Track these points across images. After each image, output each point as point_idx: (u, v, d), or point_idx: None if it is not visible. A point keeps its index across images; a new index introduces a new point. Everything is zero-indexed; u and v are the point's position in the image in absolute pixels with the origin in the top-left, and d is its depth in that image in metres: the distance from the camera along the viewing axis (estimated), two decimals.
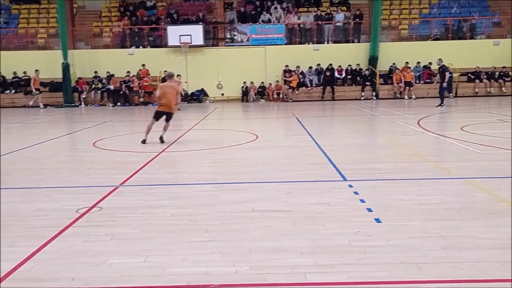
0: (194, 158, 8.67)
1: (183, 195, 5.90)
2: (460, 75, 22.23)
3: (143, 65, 22.52)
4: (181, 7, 26.12)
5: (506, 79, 22.13)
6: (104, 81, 22.63)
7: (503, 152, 8.10)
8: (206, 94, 23.26)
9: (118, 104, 22.12)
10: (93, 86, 22.63)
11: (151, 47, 23.79)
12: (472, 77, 22.30)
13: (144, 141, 10.03)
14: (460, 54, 22.35)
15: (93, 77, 22.74)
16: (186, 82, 22.94)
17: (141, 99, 22.12)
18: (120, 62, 22.76)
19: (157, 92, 10.31)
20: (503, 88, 21.99)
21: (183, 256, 3.91)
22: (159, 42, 23.83)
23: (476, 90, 22.09)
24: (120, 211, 5.21)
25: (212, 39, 23.80)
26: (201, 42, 22.55)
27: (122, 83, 22.17)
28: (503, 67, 22.27)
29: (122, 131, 12.57)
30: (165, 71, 15.48)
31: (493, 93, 21.95)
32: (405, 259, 3.70)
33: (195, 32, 22.41)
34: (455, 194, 5.60)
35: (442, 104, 17.25)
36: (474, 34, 23.72)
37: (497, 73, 22.22)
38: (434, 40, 23.49)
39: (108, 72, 22.61)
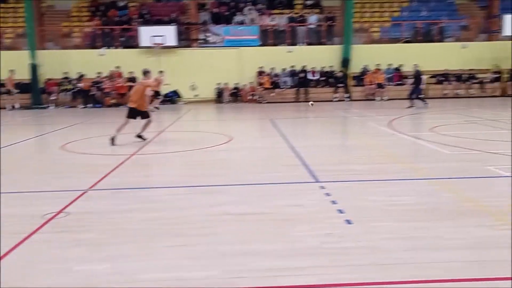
0: (166, 161, 8.57)
1: (154, 198, 5.82)
2: (429, 77, 22.70)
3: (118, 67, 22.20)
4: (153, 8, 25.85)
5: (474, 81, 22.73)
6: (74, 82, 22.17)
7: (471, 153, 8.31)
8: (179, 96, 23.07)
9: (89, 105, 21.71)
10: (63, 87, 22.15)
11: (123, 47, 23.45)
12: (441, 79, 22.82)
13: (112, 139, 9.96)
14: (430, 57, 22.84)
15: (63, 78, 22.25)
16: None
17: (113, 101, 21.76)
18: (91, 63, 22.35)
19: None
20: (471, 90, 22.57)
21: (153, 262, 3.85)
22: (131, 42, 23.49)
23: (445, 92, 22.61)
24: (88, 216, 5.10)
25: (185, 40, 23.62)
26: (174, 43, 22.36)
27: (93, 84, 21.77)
28: (471, 69, 22.87)
29: (93, 134, 12.33)
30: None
31: (461, 94, 22.52)
32: (375, 261, 3.74)
33: (168, 33, 22.20)
34: (424, 195, 5.71)
35: (413, 106, 17.57)
36: (443, 37, 24.28)
37: (464, 75, 22.79)
38: (404, 42, 23.94)
39: (79, 72, 22.16)
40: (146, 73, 10.81)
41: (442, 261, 3.72)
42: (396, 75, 23.02)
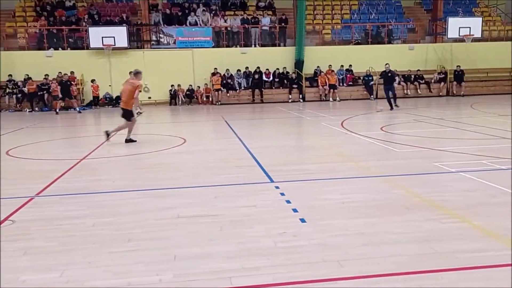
0: (118, 165, 8.35)
1: (105, 203, 5.65)
2: (379, 78, 23.35)
3: (72, 72, 21.52)
4: (103, 8, 25.20)
5: (421, 81, 23.62)
6: (20, 84, 21.23)
7: (418, 150, 8.61)
8: None
9: (36, 109, 20.86)
10: (8, 90, 21.15)
11: (71, 49, 22.71)
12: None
13: (128, 140, 10.42)
14: (379, 58, 23.48)
15: (7, 81, 21.25)
16: (110, 86, 22.17)
17: (62, 104, 21.00)
18: (38, 64, 21.48)
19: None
20: (418, 90, 23.45)
21: (104, 268, 3.73)
22: (80, 44, 22.81)
23: (395, 92, 23.31)
24: (35, 224, 4.88)
25: (137, 41, 23.18)
26: (125, 44, 21.88)
27: (39, 86, 20.93)
28: (418, 70, 23.76)
29: (40, 138, 11.84)
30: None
31: (410, 94, 23.34)
32: (328, 257, 3.79)
33: (119, 34, 21.69)
34: (375, 191, 5.85)
35: (396, 105, 17.40)
36: (391, 39, 25.10)
37: (412, 76, 23.65)
38: (355, 44, 24.55)
39: (27, 75, 21.22)
40: (137, 74, 10.74)
41: (393, 255, 3.82)
42: (348, 76, 23.56)
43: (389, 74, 17.37)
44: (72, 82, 20.98)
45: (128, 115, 10.47)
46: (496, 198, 5.39)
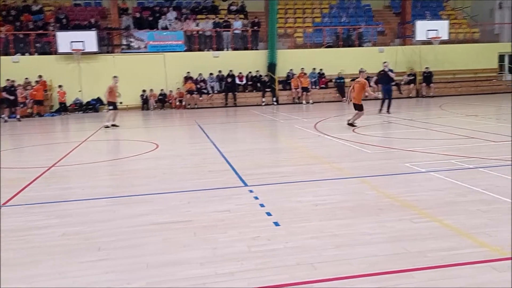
0: (88, 172, 8.16)
1: (74, 212, 5.50)
2: (351, 80, 23.66)
3: (40, 76, 20.99)
4: (71, 12, 24.72)
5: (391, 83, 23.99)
6: None
7: (390, 151, 8.74)
8: (102, 103, 22.20)
9: (3, 116, 20.24)
10: None
11: (39, 54, 22.16)
12: None
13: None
14: (350, 61, 23.84)
15: None
16: (80, 91, 21.77)
17: (29, 110, 20.48)
18: (4, 70, 20.86)
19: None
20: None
21: (73, 279, 3.62)
22: (48, 49, 22.30)
23: (366, 94, 23.62)
24: (2, 235, 4.70)
25: (107, 45, 22.82)
26: (95, 49, 21.50)
27: (4, 92, 20.30)
28: None
29: (6, 146, 11.49)
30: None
31: (381, 96, 23.65)
32: (302, 260, 3.78)
33: (88, 39, 21.31)
34: (348, 193, 5.89)
35: (388, 111, 16.65)
36: (361, 42, 25.47)
37: None
38: (327, 47, 24.81)
39: None
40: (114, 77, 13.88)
41: (367, 256, 3.84)
42: (320, 79, 23.78)
43: (388, 73, 16.81)
44: (17, 88, 20.19)
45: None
46: (465, 197, 5.50)
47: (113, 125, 15.09)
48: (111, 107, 15.36)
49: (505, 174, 6.45)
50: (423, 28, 23.73)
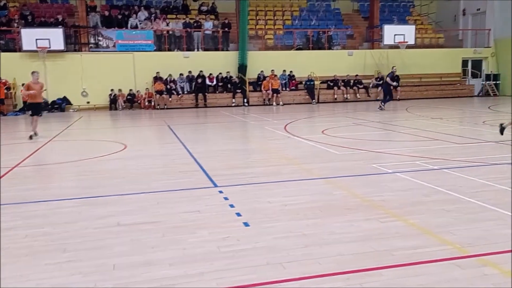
0: (54, 172, 7.96)
1: (39, 213, 5.35)
2: (320, 83, 23.98)
3: None
4: (36, 9, 24.06)
5: (359, 86, 24.47)
6: None
7: (358, 152, 8.88)
8: (69, 103, 21.72)
9: None
10: None
11: (2, 51, 21.44)
12: (331, 84, 24.23)
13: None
14: (320, 63, 24.16)
15: None
16: (45, 90, 21.13)
17: None
18: None
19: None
20: (357, 94, 24.27)
21: (37, 281, 3.52)
22: (12, 46, 21.63)
23: (335, 96, 24.04)
24: None
25: (74, 44, 22.32)
26: (61, 47, 20.99)
27: None
28: (356, 75, 24.60)
29: None
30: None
31: (349, 99, 24.10)
32: (271, 260, 3.80)
33: (54, 36, 20.78)
34: (316, 193, 5.95)
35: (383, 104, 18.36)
36: (331, 45, 25.82)
37: (351, 81, 24.45)
38: (297, 49, 25.02)
39: None
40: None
41: (335, 255, 3.89)
42: (291, 81, 23.95)
43: (388, 77, 18.24)
44: None
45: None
46: (429, 196, 5.65)
47: (34, 134, 11.87)
48: (30, 112, 12.16)
49: (468, 175, 6.66)
50: (391, 32, 24.26)
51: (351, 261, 3.76)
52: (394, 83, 18.57)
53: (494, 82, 26.11)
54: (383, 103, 18.37)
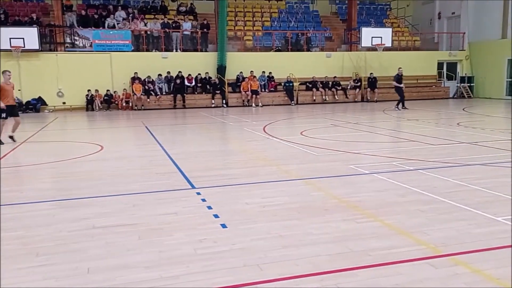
0: (27, 174, 7.79)
1: (11, 216, 5.22)
2: (299, 84, 24.11)
3: None
4: (10, 7, 23.54)
5: (338, 88, 24.69)
6: None
7: (336, 154, 8.96)
8: (44, 103, 21.30)
9: None
10: None
11: None
12: (310, 86, 24.38)
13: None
14: (299, 65, 24.28)
15: None
16: (19, 90, 20.72)
17: None
18: None
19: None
20: (336, 96, 24.48)
21: (10, 286, 3.44)
22: None
23: (314, 98, 24.19)
24: None
25: (49, 43, 21.91)
26: (36, 46, 20.58)
27: None
28: (335, 77, 24.81)
29: None
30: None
31: (328, 100, 24.29)
32: (248, 262, 3.79)
33: (29, 35, 20.35)
34: (294, 194, 5.98)
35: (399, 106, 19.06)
36: (310, 46, 25.99)
37: (330, 83, 24.65)
38: (276, 51, 25.09)
39: None
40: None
41: (311, 256, 3.91)
42: (270, 82, 24.01)
43: (399, 76, 18.92)
44: None
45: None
46: (405, 197, 5.73)
47: (10, 138, 11.18)
48: (4, 115, 11.04)
49: (442, 176, 6.78)
50: (368, 35, 24.54)
51: (328, 262, 3.79)
52: (401, 85, 19.11)
53: (469, 84, 26.68)
54: (398, 105, 19.14)
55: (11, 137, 11.32)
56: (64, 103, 21.69)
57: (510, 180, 6.38)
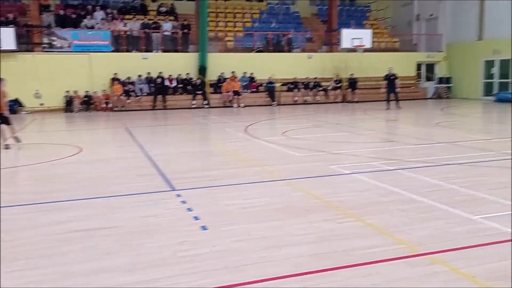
0: (5, 177, 7.61)
1: None
2: (281, 85, 24.17)
3: None
4: None
5: (319, 88, 24.84)
6: None
7: (317, 154, 9.00)
8: (21, 105, 20.89)
9: None
10: None
11: None
12: (291, 86, 24.46)
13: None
14: (280, 66, 24.33)
15: None
16: None
17: None
18: None
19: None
20: (317, 97, 24.62)
21: None
22: None
23: (295, 98, 24.28)
24: None
25: (26, 43, 21.49)
26: (13, 46, 20.16)
27: None
28: (316, 78, 24.95)
29: None
30: None
31: (309, 101, 24.40)
32: (229, 264, 3.78)
33: (5, 36, 19.89)
34: (276, 195, 5.99)
35: (399, 106, 19.27)
36: (291, 47, 26.07)
37: (311, 83, 24.78)
38: (257, 52, 25.11)
39: None
40: None
41: (292, 257, 3.91)
42: (251, 83, 24.02)
43: (392, 77, 19.36)
44: None
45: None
46: (385, 197, 5.80)
47: (6, 145, 10.47)
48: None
49: (421, 175, 6.88)
50: (349, 36, 24.73)
51: (309, 262, 3.80)
52: (385, 82, 19.79)
53: (447, 85, 27.11)
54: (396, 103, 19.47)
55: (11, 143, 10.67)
56: (42, 104, 21.31)
57: (492, 178, 6.51)
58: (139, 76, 22.19)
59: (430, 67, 28.01)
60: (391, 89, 19.47)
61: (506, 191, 5.86)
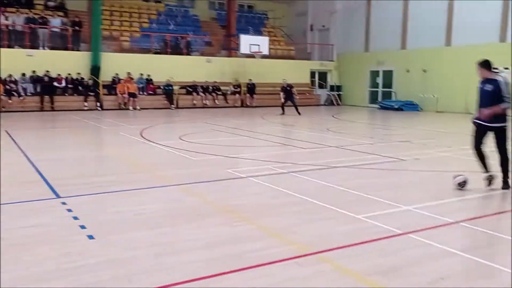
0: None
1: None
2: (179, 88, 23.86)
3: None
4: None
5: (218, 93, 24.96)
6: None
7: (214, 158, 8.99)
8: None
9: None
10: None
11: None
12: (190, 90, 24.27)
13: None
14: (179, 69, 24.00)
15: None
16: None
17: None
18: None
19: None
20: (216, 101, 24.71)
21: None
22: None
23: (194, 102, 24.13)
24: None
25: None
26: None
27: None
28: (215, 82, 25.04)
29: None
30: None
31: (208, 105, 24.40)
32: (117, 274, 3.58)
33: None
34: (170, 201, 5.85)
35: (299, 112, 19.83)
36: (190, 50, 25.88)
37: (210, 87, 24.81)
38: (155, 53, 24.53)
39: None
40: None
41: (184, 263, 3.82)
42: (148, 85, 23.37)
43: (288, 88, 20.46)
44: None
45: None
46: (278, 199, 5.95)
47: None
48: None
49: (312, 178, 7.19)
50: (247, 42, 25.19)
51: (201, 268, 3.74)
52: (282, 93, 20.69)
53: (337, 92, 28.87)
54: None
55: None
56: None
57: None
58: (23, 74, 20.43)
59: (323, 75, 29.63)
60: (290, 99, 20.32)
61: (388, 192, 6.35)
